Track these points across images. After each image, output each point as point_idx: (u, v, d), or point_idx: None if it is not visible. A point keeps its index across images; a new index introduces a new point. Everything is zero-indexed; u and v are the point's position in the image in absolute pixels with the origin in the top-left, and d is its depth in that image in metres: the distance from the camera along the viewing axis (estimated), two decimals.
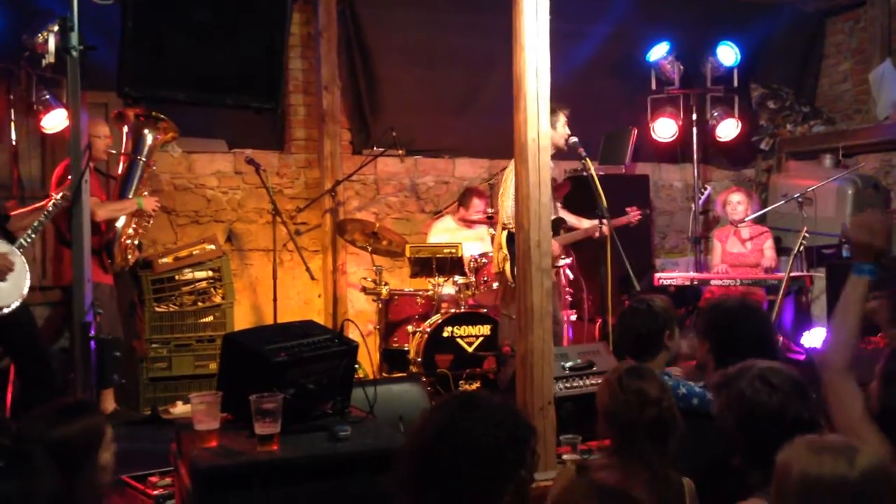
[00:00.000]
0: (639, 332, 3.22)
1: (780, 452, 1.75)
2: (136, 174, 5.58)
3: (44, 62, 5.33)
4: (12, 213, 4.90)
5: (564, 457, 3.50)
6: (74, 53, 2.93)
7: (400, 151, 6.65)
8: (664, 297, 3.50)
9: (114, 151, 5.55)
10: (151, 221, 5.72)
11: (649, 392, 2.46)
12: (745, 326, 3.05)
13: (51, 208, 4.58)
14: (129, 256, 5.59)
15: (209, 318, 6.05)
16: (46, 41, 5.19)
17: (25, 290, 4.58)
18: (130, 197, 5.54)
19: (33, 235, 4.66)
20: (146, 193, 5.63)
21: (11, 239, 4.63)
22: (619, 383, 2.52)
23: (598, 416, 2.58)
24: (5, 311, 4.47)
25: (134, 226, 5.58)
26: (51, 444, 2.19)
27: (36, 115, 5.59)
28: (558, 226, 5.53)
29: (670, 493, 2.38)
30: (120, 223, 5.50)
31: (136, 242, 5.64)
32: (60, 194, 4.59)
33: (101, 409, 2.36)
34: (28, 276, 4.62)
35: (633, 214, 5.94)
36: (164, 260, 5.98)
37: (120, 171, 5.64)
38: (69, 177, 4.29)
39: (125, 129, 5.60)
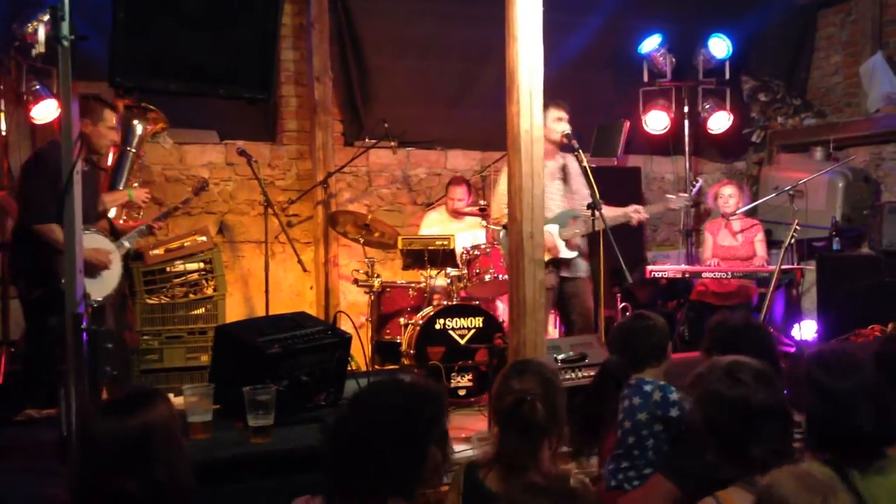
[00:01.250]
0: (648, 340, 3.26)
1: (768, 474, 1.80)
2: (126, 165, 5.56)
3: (34, 52, 5.29)
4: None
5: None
6: (65, 43, 2.89)
7: (392, 143, 6.63)
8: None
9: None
10: (142, 213, 5.70)
11: (516, 384, 2.53)
12: (749, 345, 3.08)
13: (144, 230, 5.11)
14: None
15: (201, 310, 6.02)
16: (36, 31, 5.16)
17: (108, 293, 4.66)
18: (121, 188, 5.52)
19: (138, 238, 5.01)
20: (136, 185, 5.61)
21: (117, 235, 4.76)
22: (501, 373, 2.62)
23: None
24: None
25: (124, 217, 5.55)
26: (131, 434, 2.07)
27: (26, 106, 5.55)
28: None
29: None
30: (111, 214, 5.47)
31: None
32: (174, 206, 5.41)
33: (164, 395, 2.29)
34: (118, 280, 4.74)
35: (680, 198, 5.80)
36: (156, 252, 5.95)
37: (110, 162, 5.61)
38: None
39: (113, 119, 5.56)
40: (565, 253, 5.41)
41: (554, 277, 5.38)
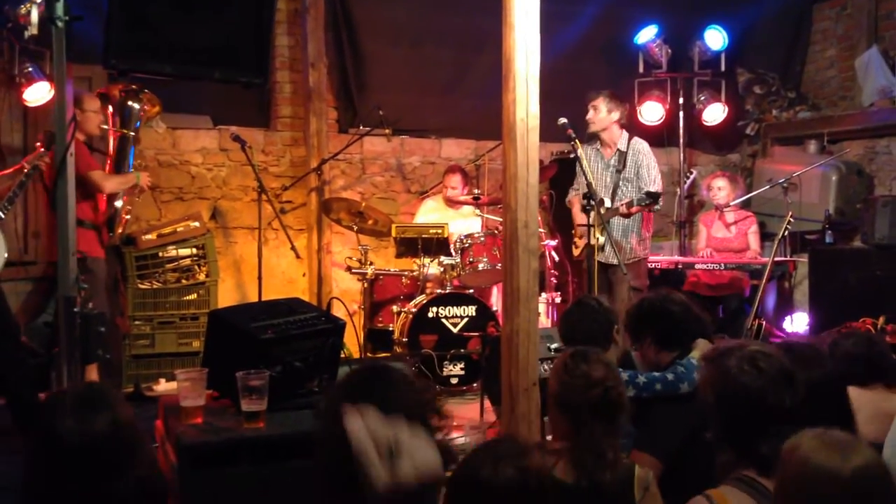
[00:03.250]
0: (590, 326, 3.25)
1: (791, 438, 1.77)
2: (128, 149, 5.57)
3: (27, 34, 5.24)
4: None
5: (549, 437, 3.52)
6: (60, 24, 2.87)
7: (386, 131, 6.61)
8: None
9: (105, 127, 5.52)
10: (141, 197, 5.72)
11: (593, 373, 2.51)
12: (680, 310, 3.19)
13: (24, 178, 4.55)
14: (120, 231, 5.60)
15: (193, 296, 6.02)
16: (29, 13, 5.10)
17: (1, 266, 4.53)
18: (127, 171, 5.56)
19: (9, 207, 4.61)
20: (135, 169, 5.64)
21: None
22: (565, 367, 2.57)
23: (549, 403, 2.61)
24: None
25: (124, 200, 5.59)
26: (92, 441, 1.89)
27: (18, 88, 5.51)
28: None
29: (616, 479, 2.39)
30: (118, 204, 5.51)
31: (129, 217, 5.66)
32: (32, 164, 4.61)
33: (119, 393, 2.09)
34: (5, 251, 4.57)
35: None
36: (148, 236, 5.94)
37: (111, 148, 5.61)
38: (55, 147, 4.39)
39: (110, 108, 5.55)
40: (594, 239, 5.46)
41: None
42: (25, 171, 4.59)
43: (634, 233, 5.58)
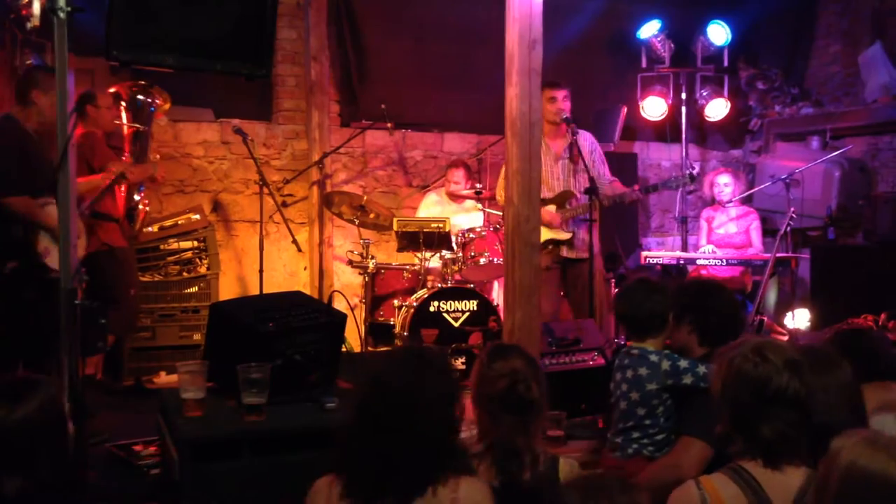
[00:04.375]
0: (653, 308, 3.23)
1: (836, 439, 1.76)
2: (144, 143, 5.59)
3: (28, 25, 5.23)
4: None
5: (548, 433, 3.52)
6: (61, 15, 2.86)
7: (388, 125, 6.60)
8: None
9: (117, 122, 5.51)
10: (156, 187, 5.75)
11: (506, 366, 2.52)
12: (721, 302, 3.23)
13: (111, 182, 4.89)
14: (139, 224, 5.62)
15: (194, 289, 6.00)
16: (31, 4, 5.10)
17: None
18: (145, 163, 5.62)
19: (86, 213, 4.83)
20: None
21: None
22: (481, 361, 2.60)
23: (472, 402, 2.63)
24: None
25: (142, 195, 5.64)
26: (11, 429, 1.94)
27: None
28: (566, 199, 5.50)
29: (539, 477, 2.40)
30: (136, 197, 5.54)
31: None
32: (119, 172, 5.02)
33: (48, 381, 2.12)
34: (83, 249, 4.67)
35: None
36: (149, 229, 5.93)
37: (126, 144, 5.62)
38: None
39: (123, 104, 5.55)
40: (561, 234, 5.43)
41: (550, 258, 5.40)
42: (112, 178, 4.97)
43: (592, 225, 5.58)
